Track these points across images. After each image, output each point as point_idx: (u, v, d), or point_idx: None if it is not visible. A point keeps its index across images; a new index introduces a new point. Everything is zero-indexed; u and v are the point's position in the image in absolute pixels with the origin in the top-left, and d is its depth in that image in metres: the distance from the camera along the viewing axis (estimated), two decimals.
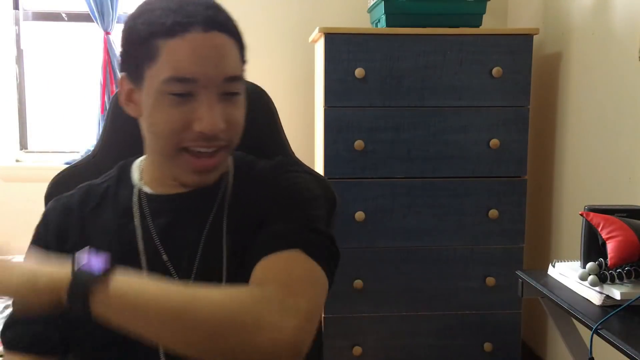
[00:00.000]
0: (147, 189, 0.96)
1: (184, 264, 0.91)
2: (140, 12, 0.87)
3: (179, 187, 0.94)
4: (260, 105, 1.17)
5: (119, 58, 0.91)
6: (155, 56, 0.83)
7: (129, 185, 0.98)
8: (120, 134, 1.12)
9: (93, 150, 1.16)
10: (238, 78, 0.87)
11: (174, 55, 0.82)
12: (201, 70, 0.83)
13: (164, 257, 0.91)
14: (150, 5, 0.87)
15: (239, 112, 0.89)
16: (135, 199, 0.95)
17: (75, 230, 0.94)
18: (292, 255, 0.81)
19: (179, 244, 0.91)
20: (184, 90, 0.83)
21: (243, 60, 0.90)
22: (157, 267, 0.90)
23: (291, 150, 1.18)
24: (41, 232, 0.96)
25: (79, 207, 0.96)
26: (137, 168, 1.00)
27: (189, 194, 0.93)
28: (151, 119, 0.87)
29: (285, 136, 1.20)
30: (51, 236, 0.94)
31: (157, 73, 0.83)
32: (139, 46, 0.85)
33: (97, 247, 0.82)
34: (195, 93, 0.84)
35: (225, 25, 0.86)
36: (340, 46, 2.06)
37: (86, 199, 0.97)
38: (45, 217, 0.98)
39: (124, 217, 0.94)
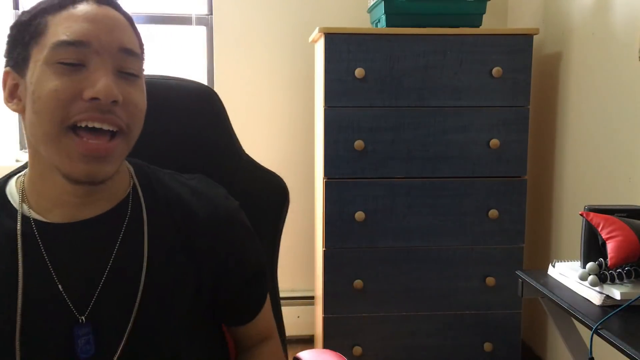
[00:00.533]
0: (36, 216, 0.83)
1: (82, 299, 0.81)
2: (29, 6, 0.83)
3: (76, 209, 0.82)
4: (209, 106, 1.11)
5: (4, 55, 0.83)
6: (43, 31, 0.77)
7: (11, 211, 0.83)
8: None
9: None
10: (134, 53, 0.81)
11: (64, 23, 0.76)
12: (94, 34, 0.76)
13: (65, 297, 0.81)
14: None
15: (139, 95, 0.81)
16: (19, 227, 0.82)
17: None
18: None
19: (79, 280, 0.82)
20: (74, 57, 0.75)
21: (141, 48, 0.84)
22: (47, 303, 0.81)
23: (242, 149, 1.14)
24: None
25: None
26: (16, 187, 0.86)
27: (94, 219, 0.83)
28: (35, 95, 0.76)
29: (235, 136, 1.13)
30: None
31: (44, 44, 0.76)
32: (25, 28, 0.79)
33: None
34: (87, 62, 0.76)
35: (120, 8, 0.83)
36: (340, 46, 2.06)
37: None
38: None
39: (9, 253, 0.81)
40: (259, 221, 1.07)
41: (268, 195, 1.05)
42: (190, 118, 1.06)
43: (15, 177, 0.88)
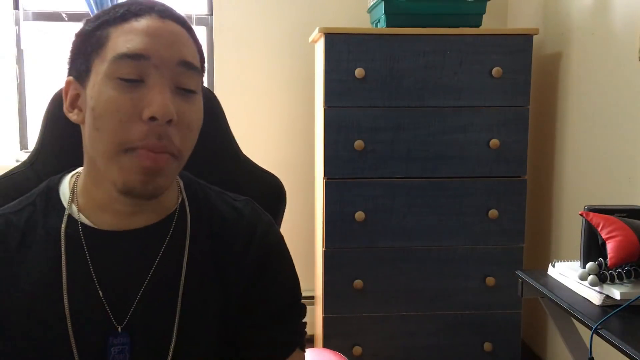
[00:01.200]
0: (84, 220, 0.83)
1: (121, 307, 0.82)
2: (92, 15, 0.83)
3: (125, 217, 0.83)
4: (207, 107, 1.10)
5: (68, 63, 0.84)
6: (105, 43, 0.77)
7: (59, 210, 0.84)
8: (61, 138, 0.99)
9: (30, 156, 1.02)
10: (194, 67, 0.80)
11: (125, 35, 0.76)
12: (154, 47, 0.76)
13: (104, 303, 0.81)
14: (103, 8, 0.84)
15: (194, 113, 0.80)
16: (64, 228, 0.82)
17: (1, 272, 0.81)
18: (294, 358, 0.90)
19: (120, 288, 0.82)
20: (134, 73, 0.75)
21: (201, 63, 0.84)
22: (88, 308, 0.81)
23: (239, 149, 1.13)
24: None
25: (3, 247, 0.82)
26: (68, 186, 0.87)
27: (140, 230, 0.84)
28: (95, 111, 0.76)
29: (232, 136, 1.13)
30: None
31: (105, 57, 0.76)
32: (88, 39, 0.79)
33: (25, 291, 0.79)
34: (145, 77, 0.75)
35: (184, 22, 0.81)
36: (340, 46, 2.06)
37: (5, 235, 0.83)
38: None
39: (53, 253, 0.82)
40: None
41: (265, 195, 1.04)
42: None
43: (70, 175, 0.89)
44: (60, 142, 1.00)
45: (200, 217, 0.88)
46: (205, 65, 0.86)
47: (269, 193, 1.06)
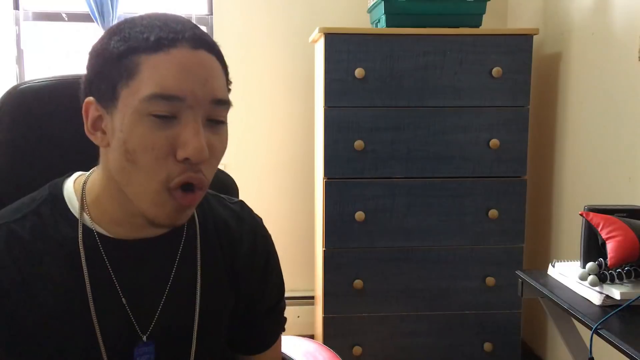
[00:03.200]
0: (100, 230, 0.82)
1: (145, 316, 0.83)
2: (116, 30, 0.77)
3: (139, 229, 0.82)
4: None
5: (84, 81, 0.80)
6: (135, 73, 0.73)
7: (70, 220, 0.82)
8: (12, 138, 0.96)
9: None
10: (225, 102, 0.78)
11: (158, 70, 0.73)
12: (189, 88, 0.73)
13: (129, 312, 0.82)
14: (128, 23, 0.77)
15: (221, 144, 0.80)
16: (82, 239, 0.81)
17: (14, 286, 0.78)
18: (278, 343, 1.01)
19: (141, 296, 0.83)
20: (168, 110, 0.73)
21: (228, 87, 0.82)
22: (113, 317, 0.81)
23: None
24: None
25: (10, 259, 0.78)
26: (74, 194, 0.84)
27: (154, 239, 0.84)
28: (128, 145, 0.74)
29: None
30: None
31: (137, 91, 0.73)
32: (115, 64, 0.74)
33: (46, 304, 0.78)
34: (179, 115, 0.74)
35: (213, 47, 0.78)
36: (340, 46, 2.06)
37: (11, 246, 0.79)
38: None
39: (71, 263, 0.80)
40: None
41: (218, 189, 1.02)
42: None
43: (71, 181, 0.85)
44: (11, 143, 0.96)
45: (207, 223, 0.91)
46: (230, 87, 0.84)
47: (223, 192, 1.05)
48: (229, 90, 0.82)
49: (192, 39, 0.75)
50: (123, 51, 0.74)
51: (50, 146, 0.96)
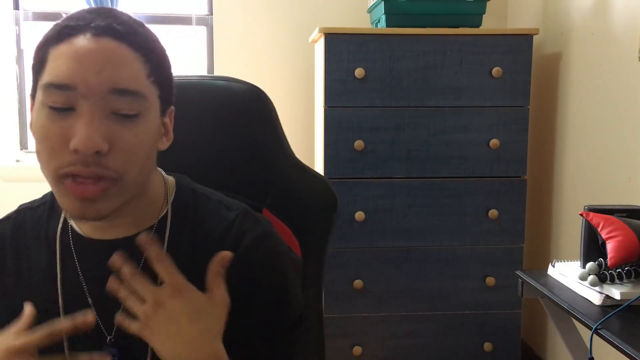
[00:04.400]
0: (74, 226, 0.84)
1: (110, 318, 0.81)
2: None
3: (99, 228, 0.82)
4: (258, 106, 1.09)
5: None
6: (43, 66, 0.74)
7: (59, 215, 0.86)
8: None
9: None
10: (130, 92, 0.73)
11: (56, 60, 0.72)
12: (80, 76, 0.71)
13: (92, 308, 0.82)
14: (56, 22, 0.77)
15: (136, 138, 0.74)
16: (59, 234, 0.84)
17: (7, 265, 0.84)
18: None
19: (107, 297, 0.79)
20: (62, 102, 0.71)
21: (154, 79, 0.77)
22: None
23: (291, 150, 1.12)
24: None
25: (13, 237, 0.85)
26: None
27: (124, 240, 0.82)
28: (34, 136, 0.75)
29: (284, 137, 1.12)
30: None
31: (42, 81, 0.73)
32: (35, 58, 0.76)
33: (29, 290, 0.81)
34: (75, 105, 0.72)
35: (126, 36, 0.74)
36: (340, 46, 2.06)
37: (20, 227, 0.86)
38: None
39: (49, 259, 0.84)
40: (306, 230, 1.02)
41: (314, 201, 0.98)
42: (239, 119, 1.04)
43: None
44: None
45: (183, 230, 0.85)
46: (162, 78, 0.80)
47: (319, 200, 1.01)
48: (156, 81, 0.78)
49: (98, 27, 0.73)
50: (39, 44, 0.75)
51: None
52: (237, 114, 1.05)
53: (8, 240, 0.86)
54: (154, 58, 0.77)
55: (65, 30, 0.73)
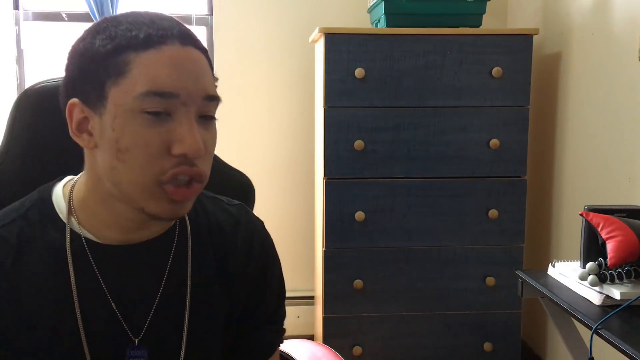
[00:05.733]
0: (88, 235, 0.81)
1: (137, 320, 0.82)
2: (99, 29, 0.76)
3: (130, 231, 0.82)
4: None
5: (65, 83, 0.78)
6: (125, 71, 0.72)
7: (58, 224, 0.81)
8: (27, 139, 0.95)
9: None
10: (216, 98, 0.78)
11: (151, 68, 0.72)
12: (182, 85, 0.73)
13: (120, 317, 0.82)
14: (112, 22, 0.76)
15: (214, 139, 0.80)
16: (69, 245, 0.80)
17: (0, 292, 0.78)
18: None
19: (132, 302, 0.82)
20: (162, 107, 0.73)
21: (215, 84, 0.81)
22: (102, 322, 0.81)
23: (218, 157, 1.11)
24: None
25: (12, 265, 0.78)
26: (63, 198, 0.83)
27: (144, 244, 0.83)
28: (121, 144, 0.73)
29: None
30: None
31: (129, 89, 0.72)
32: (102, 63, 0.73)
33: (32, 309, 0.78)
34: (172, 112, 0.74)
35: (199, 44, 0.78)
36: (340, 46, 2.06)
37: (22, 247, 0.80)
38: None
39: (57, 268, 0.80)
40: None
41: (233, 193, 1.00)
42: None
43: (60, 185, 0.85)
44: (25, 144, 0.96)
45: (199, 226, 0.89)
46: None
47: (237, 192, 1.04)
48: (216, 85, 0.82)
49: (181, 36, 0.75)
50: (110, 49, 0.73)
51: (64, 147, 0.92)
52: None
53: (8, 268, 0.79)
54: (212, 64, 0.82)
55: (150, 38, 0.73)
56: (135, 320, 0.82)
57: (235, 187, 1.08)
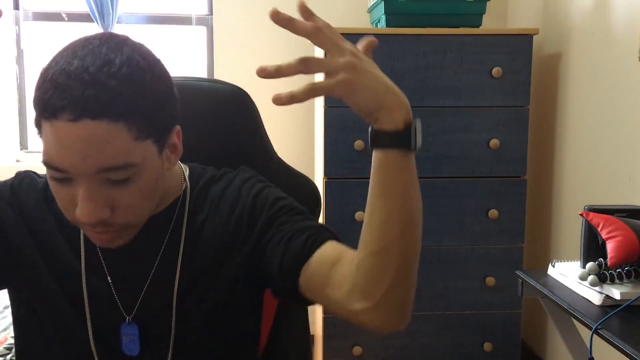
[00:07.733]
0: None
1: (130, 298, 0.86)
2: (47, 67, 0.74)
3: None
4: (241, 107, 1.13)
5: None
6: (40, 132, 0.75)
7: None
8: None
9: None
10: (119, 167, 0.73)
11: (46, 141, 0.73)
12: (69, 163, 0.72)
13: (111, 287, 0.86)
14: (52, 65, 0.73)
15: (135, 195, 0.77)
16: None
17: (18, 223, 0.88)
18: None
19: (128, 275, 0.87)
20: (59, 176, 0.75)
21: (145, 135, 0.75)
22: (100, 295, 0.86)
23: (274, 151, 1.14)
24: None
25: (49, 210, 0.88)
26: None
27: (146, 222, 0.84)
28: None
29: (267, 137, 1.14)
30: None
31: (42, 150, 0.76)
32: (36, 105, 0.75)
33: (45, 244, 0.86)
34: (72, 177, 0.74)
35: (106, 109, 0.71)
36: None
37: (30, 189, 0.90)
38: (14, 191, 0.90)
39: (72, 240, 0.88)
40: None
41: (300, 200, 0.99)
42: (223, 120, 1.07)
43: None
44: None
45: (198, 202, 0.90)
46: (154, 125, 0.77)
47: (303, 198, 1.03)
48: (151, 137, 0.76)
49: (76, 106, 0.70)
50: (35, 100, 0.74)
51: None
52: (221, 114, 1.08)
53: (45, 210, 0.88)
54: (143, 113, 0.74)
55: (49, 106, 0.71)
56: (128, 298, 0.86)
57: (305, 193, 1.10)
